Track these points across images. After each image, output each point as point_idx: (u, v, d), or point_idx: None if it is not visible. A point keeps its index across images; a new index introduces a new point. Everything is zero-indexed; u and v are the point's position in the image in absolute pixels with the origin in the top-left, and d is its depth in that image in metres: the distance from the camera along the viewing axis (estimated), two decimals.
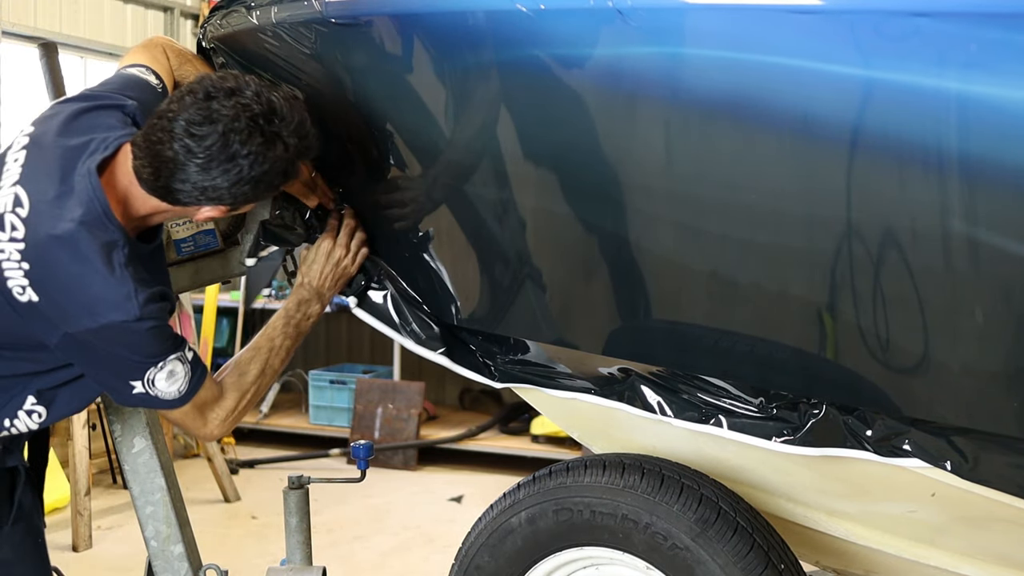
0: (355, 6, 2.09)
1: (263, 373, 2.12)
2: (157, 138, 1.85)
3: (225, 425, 2.08)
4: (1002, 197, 1.61)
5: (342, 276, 2.24)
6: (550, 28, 1.89)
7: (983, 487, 1.82)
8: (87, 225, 1.84)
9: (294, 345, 2.19)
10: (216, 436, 2.09)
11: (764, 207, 1.82)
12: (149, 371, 1.91)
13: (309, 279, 2.22)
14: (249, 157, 1.85)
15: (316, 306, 2.21)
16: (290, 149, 1.90)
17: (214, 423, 2.06)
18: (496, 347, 2.32)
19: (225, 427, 2.08)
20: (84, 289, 1.84)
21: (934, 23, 1.59)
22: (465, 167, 2.11)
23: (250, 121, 1.85)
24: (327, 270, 2.22)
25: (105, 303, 1.83)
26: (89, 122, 1.97)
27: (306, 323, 2.20)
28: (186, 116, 1.84)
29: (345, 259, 2.24)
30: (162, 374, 1.92)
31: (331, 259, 2.22)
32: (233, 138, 1.84)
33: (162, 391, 1.94)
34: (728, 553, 2.03)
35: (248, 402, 2.10)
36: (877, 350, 1.80)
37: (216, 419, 2.06)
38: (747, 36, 1.74)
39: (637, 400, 2.16)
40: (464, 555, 2.30)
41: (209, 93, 1.85)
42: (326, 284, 2.22)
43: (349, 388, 6.16)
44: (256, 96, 1.87)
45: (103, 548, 4.49)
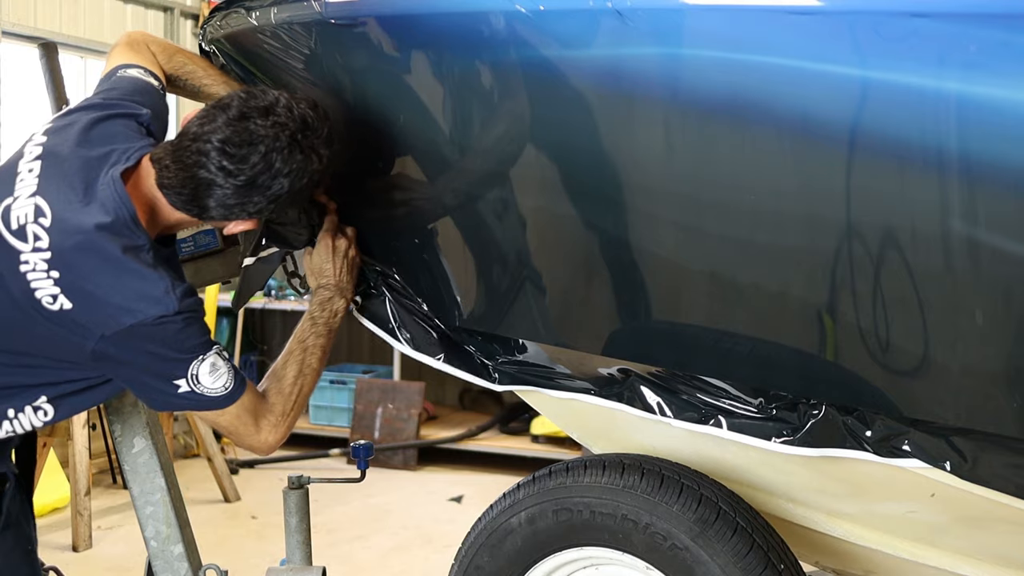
0: (355, 7, 2.09)
1: (301, 373, 2.10)
2: (192, 160, 1.87)
3: (279, 431, 2.05)
4: (1002, 197, 1.61)
5: (353, 265, 2.25)
6: (549, 29, 1.89)
7: (982, 487, 1.82)
8: (113, 230, 1.85)
9: (328, 343, 2.18)
10: (272, 444, 2.05)
11: (763, 208, 1.82)
12: (192, 365, 1.90)
13: (326, 279, 2.21)
14: (291, 175, 1.89)
15: (340, 301, 2.21)
16: (324, 160, 1.94)
17: (267, 429, 2.03)
18: (495, 348, 2.32)
19: (279, 433, 2.05)
20: (120, 288, 1.83)
21: (934, 23, 1.59)
22: (465, 168, 2.11)
23: (290, 139, 1.88)
24: (339, 263, 2.22)
25: (144, 299, 1.84)
26: (106, 131, 1.97)
27: (334, 320, 2.20)
28: (221, 137, 1.86)
29: (351, 248, 2.24)
30: (205, 367, 1.90)
31: (339, 252, 2.22)
32: (275, 158, 1.87)
33: (208, 387, 1.92)
34: (728, 553, 2.03)
35: (295, 404, 2.08)
36: (877, 351, 1.80)
37: (268, 424, 2.03)
38: (746, 37, 1.74)
39: (637, 401, 2.16)
40: (464, 555, 2.30)
41: (244, 113, 1.87)
42: (344, 278, 2.22)
43: (349, 388, 6.16)
44: (289, 112, 1.89)
45: (103, 548, 4.49)
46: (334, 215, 2.27)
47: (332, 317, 2.19)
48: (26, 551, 2.10)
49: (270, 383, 2.09)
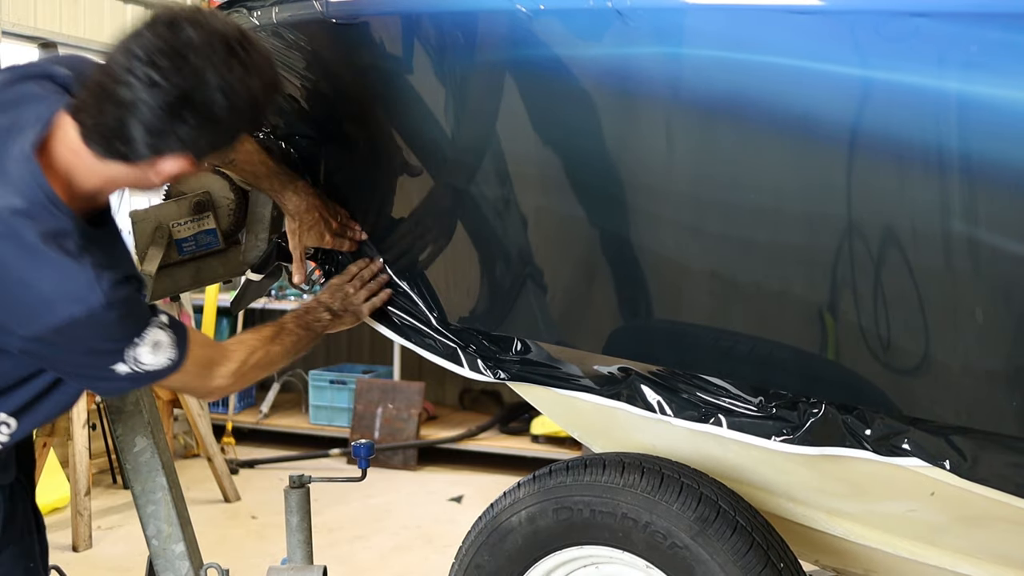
0: (356, 6, 2.10)
1: (272, 340, 2.06)
2: (111, 77, 1.59)
3: (232, 380, 1.95)
4: (1002, 197, 1.61)
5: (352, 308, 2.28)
6: (550, 28, 1.89)
7: (982, 486, 1.82)
8: (30, 215, 1.63)
9: (306, 336, 2.17)
10: (223, 390, 1.96)
11: (764, 207, 1.82)
12: (129, 351, 1.73)
13: (319, 297, 2.26)
14: (229, 93, 1.60)
15: (325, 315, 2.23)
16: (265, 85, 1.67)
17: (221, 377, 1.94)
18: (496, 346, 2.32)
19: (232, 382, 1.96)
20: (38, 284, 1.63)
21: (934, 23, 1.59)
22: (466, 167, 2.11)
23: (227, 49, 1.60)
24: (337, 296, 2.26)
25: (65, 296, 1.63)
26: (13, 95, 1.73)
27: (316, 325, 2.21)
28: (146, 45, 1.58)
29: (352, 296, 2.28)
30: (144, 348, 1.74)
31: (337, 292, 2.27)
32: (209, 68, 1.58)
33: (151, 364, 1.75)
34: (727, 552, 2.03)
35: (256, 363, 2.01)
36: (877, 350, 1.81)
37: (224, 373, 1.94)
38: (747, 36, 1.74)
39: (637, 399, 2.16)
40: (464, 554, 2.30)
41: (173, 21, 1.60)
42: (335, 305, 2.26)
43: (349, 388, 6.16)
44: (226, 23, 1.64)
45: (103, 548, 4.49)
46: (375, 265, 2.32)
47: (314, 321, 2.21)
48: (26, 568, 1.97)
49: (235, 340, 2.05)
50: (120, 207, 1.99)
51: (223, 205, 2.33)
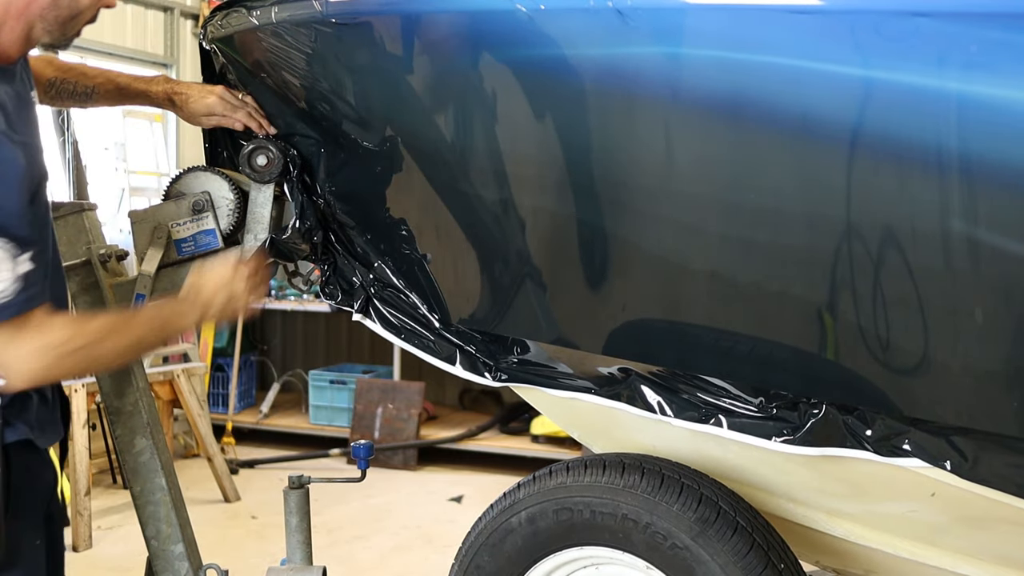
0: (355, 6, 2.10)
1: (106, 335, 1.78)
2: None
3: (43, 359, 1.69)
4: (1002, 197, 1.61)
5: (230, 309, 2.02)
6: (550, 28, 1.89)
7: (983, 487, 1.82)
8: None
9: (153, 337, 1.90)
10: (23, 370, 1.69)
11: (764, 207, 1.82)
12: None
13: (198, 291, 1.99)
14: None
15: (192, 315, 1.99)
16: None
17: (29, 347, 1.67)
18: (496, 347, 2.32)
19: (42, 361, 1.69)
20: None
21: (934, 23, 1.59)
22: (465, 167, 2.11)
23: None
24: (220, 296, 1.99)
25: None
26: None
27: (176, 323, 1.96)
28: None
29: (240, 294, 2.01)
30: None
31: (228, 288, 2.00)
32: None
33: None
34: (728, 552, 2.03)
35: (80, 349, 1.73)
36: (877, 350, 1.81)
37: (34, 345, 1.67)
38: (747, 36, 1.74)
39: (637, 400, 2.16)
40: (464, 555, 2.30)
41: None
42: (212, 307, 1.99)
43: (349, 388, 6.16)
44: None
45: (103, 548, 4.49)
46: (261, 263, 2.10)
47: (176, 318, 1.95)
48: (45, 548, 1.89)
49: (73, 316, 1.86)
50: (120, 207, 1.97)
51: (222, 205, 2.33)
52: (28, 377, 1.71)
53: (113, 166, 6.06)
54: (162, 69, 6.73)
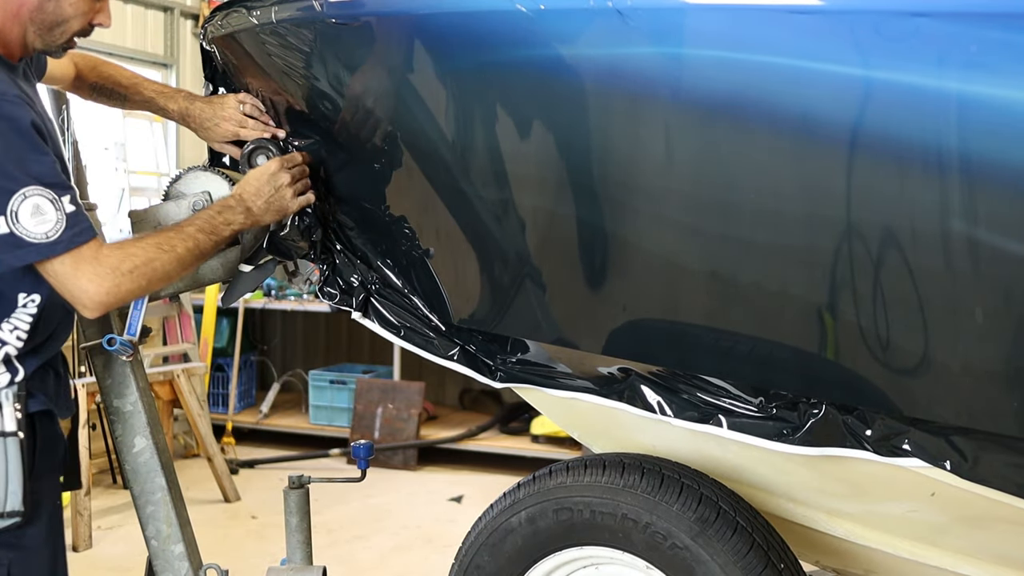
0: (355, 6, 2.10)
1: (159, 247, 1.94)
2: None
3: (102, 283, 1.85)
4: (1002, 197, 1.61)
5: (278, 202, 2.16)
6: (550, 28, 1.89)
7: (983, 487, 1.82)
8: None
9: (207, 241, 2.03)
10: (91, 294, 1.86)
11: (764, 207, 1.82)
12: (13, 200, 1.76)
13: (242, 190, 2.14)
14: None
15: (239, 216, 2.11)
16: None
17: (87, 277, 1.83)
18: (496, 347, 2.32)
19: (103, 285, 1.85)
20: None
21: (934, 23, 1.59)
22: (465, 167, 2.11)
23: None
24: (265, 189, 2.14)
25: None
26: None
27: (224, 228, 2.07)
28: None
29: (286, 187, 2.16)
30: (27, 206, 1.77)
31: (272, 180, 2.16)
32: None
33: (28, 229, 1.77)
34: (728, 552, 2.03)
35: (135, 269, 1.89)
36: (877, 350, 1.81)
37: (91, 272, 1.84)
38: (747, 36, 1.74)
39: (637, 400, 2.16)
40: (464, 555, 2.30)
41: None
42: (258, 201, 2.14)
43: (349, 388, 6.16)
44: None
45: (103, 548, 4.49)
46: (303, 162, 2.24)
47: (224, 224, 2.07)
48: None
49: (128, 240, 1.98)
50: (120, 207, 2.01)
51: None
52: (97, 301, 1.87)
53: (113, 166, 6.06)
54: (162, 69, 6.73)
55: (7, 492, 1.87)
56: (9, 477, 1.87)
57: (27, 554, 1.96)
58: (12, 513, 1.88)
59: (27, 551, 1.96)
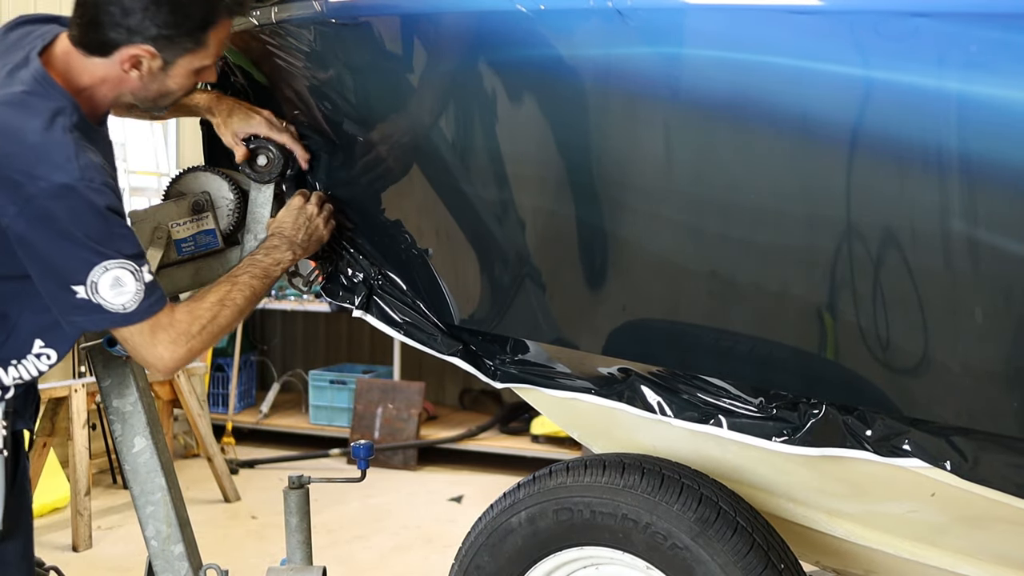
0: (355, 6, 2.10)
1: (221, 303, 2.03)
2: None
3: (178, 349, 1.95)
4: (1002, 197, 1.61)
5: (316, 233, 2.23)
6: (550, 28, 1.89)
7: (983, 487, 1.82)
8: (33, 92, 1.86)
9: (262, 288, 2.12)
10: (167, 361, 1.96)
11: (764, 207, 1.82)
12: (93, 271, 1.83)
13: (281, 229, 2.20)
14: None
15: (286, 253, 2.18)
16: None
17: (164, 344, 1.93)
18: (497, 347, 2.32)
19: (178, 352, 1.95)
20: (23, 141, 1.80)
21: (934, 23, 1.59)
22: (465, 167, 2.11)
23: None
24: (300, 222, 2.21)
25: (45, 161, 1.80)
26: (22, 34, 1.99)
27: (275, 268, 2.16)
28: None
29: (317, 218, 2.23)
30: (107, 278, 1.84)
31: (303, 214, 2.22)
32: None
33: (106, 299, 1.85)
34: (728, 553, 2.03)
35: (204, 328, 1.99)
36: (877, 350, 1.81)
37: (167, 339, 1.93)
38: (746, 36, 1.74)
39: (637, 400, 2.16)
40: (464, 555, 2.30)
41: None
42: (300, 235, 2.20)
43: (349, 388, 6.16)
44: None
45: (103, 548, 4.49)
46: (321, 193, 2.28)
47: (273, 265, 2.16)
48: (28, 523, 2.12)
49: (187, 302, 2.03)
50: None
51: (222, 205, 2.33)
52: (172, 367, 1.98)
53: None
54: None
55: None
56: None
57: (6, 569, 1.99)
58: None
59: (6, 566, 1.99)
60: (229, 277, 2.10)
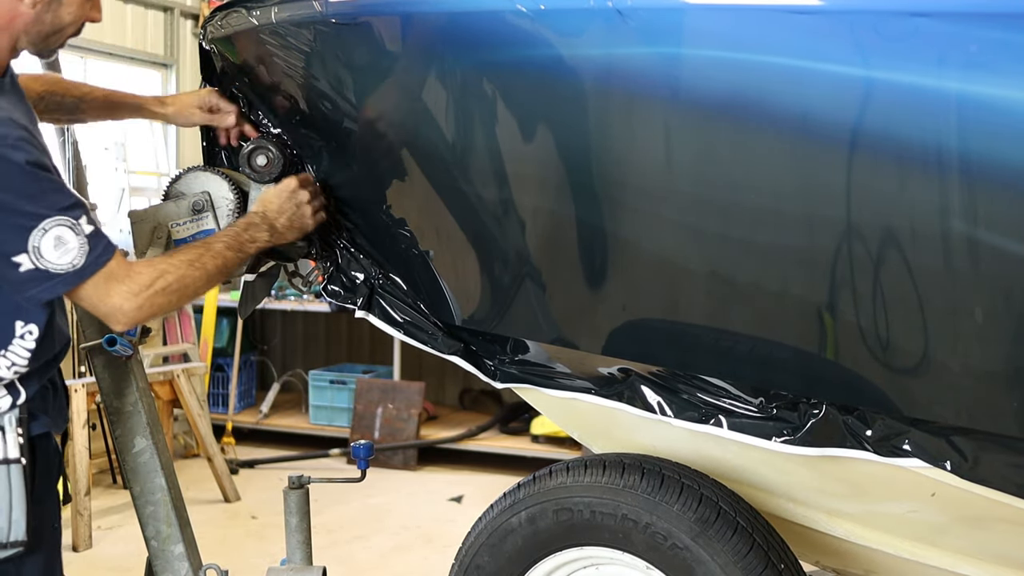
0: (355, 6, 2.10)
1: (191, 264, 1.96)
2: None
3: (135, 300, 1.86)
4: (1002, 197, 1.61)
5: (299, 220, 2.19)
6: (550, 28, 1.89)
7: (983, 487, 1.82)
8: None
9: (235, 260, 2.06)
10: (124, 311, 1.87)
11: (764, 207, 1.82)
12: (32, 236, 1.74)
13: (265, 208, 2.17)
14: None
15: (264, 233, 2.13)
16: None
17: (120, 294, 1.85)
18: (497, 347, 2.32)
19: (134, 303, 1.86)
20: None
21: (934, 23, 1.59)
22: (465, 167, 2.11)
23: None
24: (287, 206, 2.17)
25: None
26: None
27: (250, 245, 2.10)
28: None
29: (305, 205, 2.19)
30: (48, 240, 1.75)
31: (293, 198, 2.18)
32: None
33: (53, 262, 1.76)
34: (728, 553, 2.03)
35: (167, 287, 1.90)
36: (877, 350, 1.81)
37: (124, 290, 1.85)
38: (746, 36, 1.74)
39: (637, 400, 2.16)
40: (464, 555, 2.30)
41: None
42: (281, 219, 2.16)
43: (349, 388, 6.16)
44: None
45: (103, 548, 4.49)
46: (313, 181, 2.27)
47: (249, 241, 2.10)
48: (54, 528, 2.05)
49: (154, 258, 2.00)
50: (120, 207, 2.01)
51: (222, 205, 2.33)
52: (131, 319, 1.89)
53: (113, 166, 6.06)
54: (162, 69, 6.73)
55: (10, 522, 1.82)
56: (13, 506, 1.83)
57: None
58: (15, 543, 1.84)
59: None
60: (204, 242, 2.05)
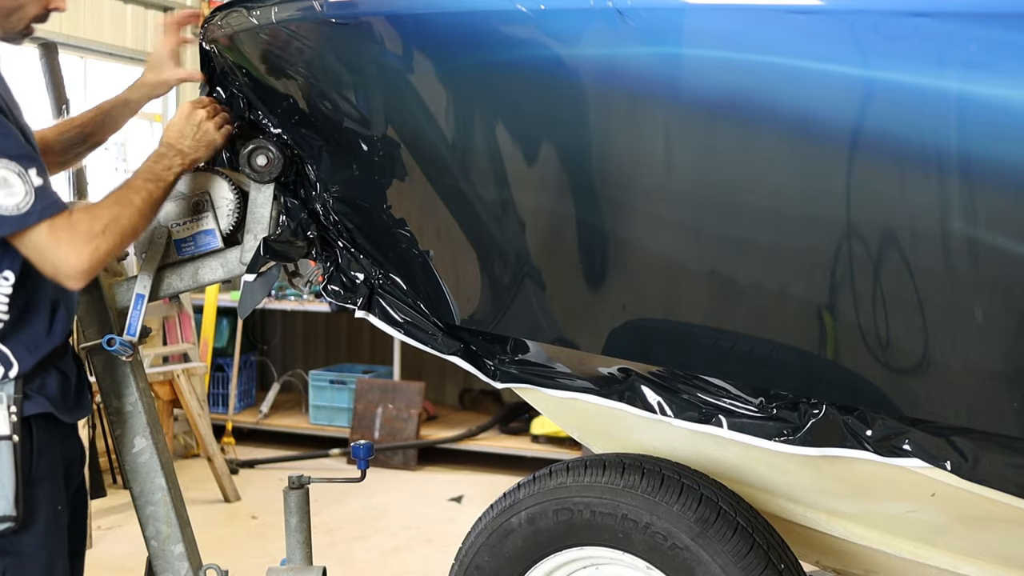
0: (355, 6, 2.10)
1: (119, 203, 2.00)
2: None
3: (83, 250, 1.90)
4: (1002, 197, 1.61)
5: (205, 137, 2.20)
6: (550, 28, 1.89)
7: (983, 487, 1.82)
8: None
9: (157, 192, 2.10)
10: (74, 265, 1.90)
11: (764, 207, 1.82)
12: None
13: (167, 137, 2.19)
14: None
15: (176, 159, 2.16)
16: None
17: (66, 246, 1.89)
18: (497, 346, 2.32)
19: (82, 253, 1.90)
20: None
21: (934, 23, 1.59)
22: (465, 167, 2.11)
23: None
24: (187, 130, 2.19)
25: None
26: None
27: (166, 173, 2.14)
28: None
29: (207, 122, 2.20)
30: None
31: (191, 119, 2.19)
32: None
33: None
34: (728, 553, 2.03)
35: (106, 228, 1.94)
36: (877, 350, 1.81)
37: (69, 241, 1.89)
38: (746, 36, 1.74)
39: (637, 400, 2.16)
40: (464, 555, 2.30)
41: None
42: (185, 142, 2.18)
43: (349, 388, 6.15)
44: None
45: (103, 548, 4.49)
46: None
47: (165, 170, 2.13)
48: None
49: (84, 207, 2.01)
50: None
51: (222, 205, 2.33)
52: (80, 269, 1.92)
53: (113, 166, 6.06)
54: None
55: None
56: (2, 482, 1.88)
57: (23, 560, 1.95)
58: (3, 518, 1.88)
59: (23, 556, 1.94)
60: (122, 183, 2.08)
